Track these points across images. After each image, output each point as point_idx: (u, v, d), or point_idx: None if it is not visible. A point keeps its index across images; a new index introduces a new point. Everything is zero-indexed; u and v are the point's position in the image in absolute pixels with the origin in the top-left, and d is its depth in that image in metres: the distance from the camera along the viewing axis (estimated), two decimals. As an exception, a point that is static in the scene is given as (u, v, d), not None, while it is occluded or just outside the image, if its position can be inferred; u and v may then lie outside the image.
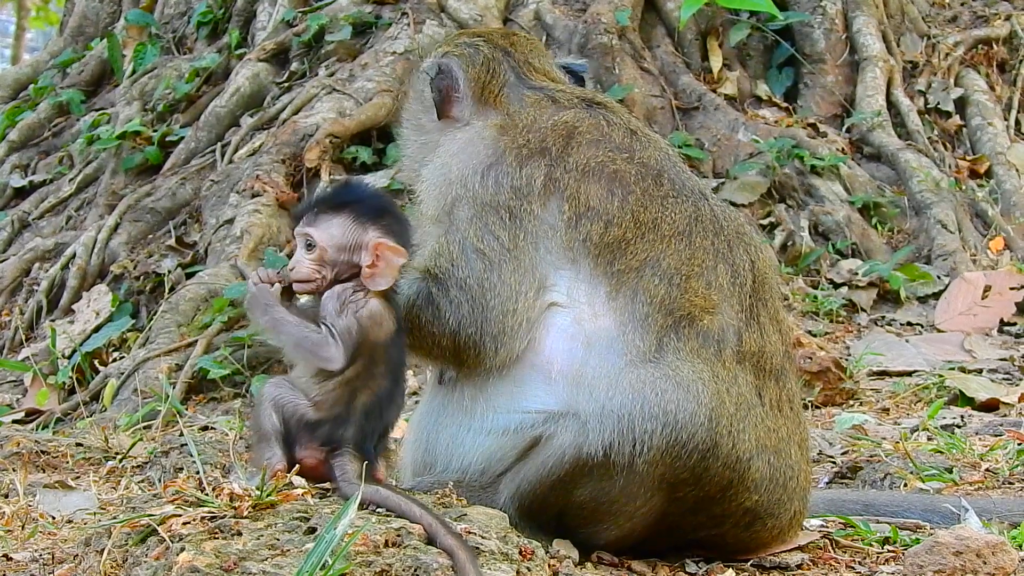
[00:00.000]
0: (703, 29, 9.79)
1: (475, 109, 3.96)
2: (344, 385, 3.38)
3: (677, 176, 3.88)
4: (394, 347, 3.46)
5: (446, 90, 3.96)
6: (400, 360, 3.49)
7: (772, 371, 3.77)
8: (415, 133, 4.11)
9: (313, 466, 3.33)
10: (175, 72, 9.85)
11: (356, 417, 3.37)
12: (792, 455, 3.77)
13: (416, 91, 4.12)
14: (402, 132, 4.17)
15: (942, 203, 8.95)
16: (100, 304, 8.22)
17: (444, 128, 3.98)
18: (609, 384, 3.58)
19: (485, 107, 3.96)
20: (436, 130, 4.01)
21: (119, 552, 3.17)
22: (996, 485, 4.85)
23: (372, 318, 3.42)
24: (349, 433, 3.35)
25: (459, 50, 4.04)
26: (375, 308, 3.44)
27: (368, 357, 3.40)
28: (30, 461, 5.46)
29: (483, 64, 3.99)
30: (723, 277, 3.76)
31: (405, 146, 4.15)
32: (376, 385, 3.40)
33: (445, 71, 3.97)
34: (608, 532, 3.69)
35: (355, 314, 3.42)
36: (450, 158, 3.87)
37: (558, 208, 3.73)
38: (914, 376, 6.94)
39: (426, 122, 4.06)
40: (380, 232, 3.46)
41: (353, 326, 3.40)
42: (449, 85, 3.96)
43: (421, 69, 4.08)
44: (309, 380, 3.41)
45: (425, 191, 3.90)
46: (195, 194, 8.88)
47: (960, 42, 10.29)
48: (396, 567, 2.98)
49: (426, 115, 4.06)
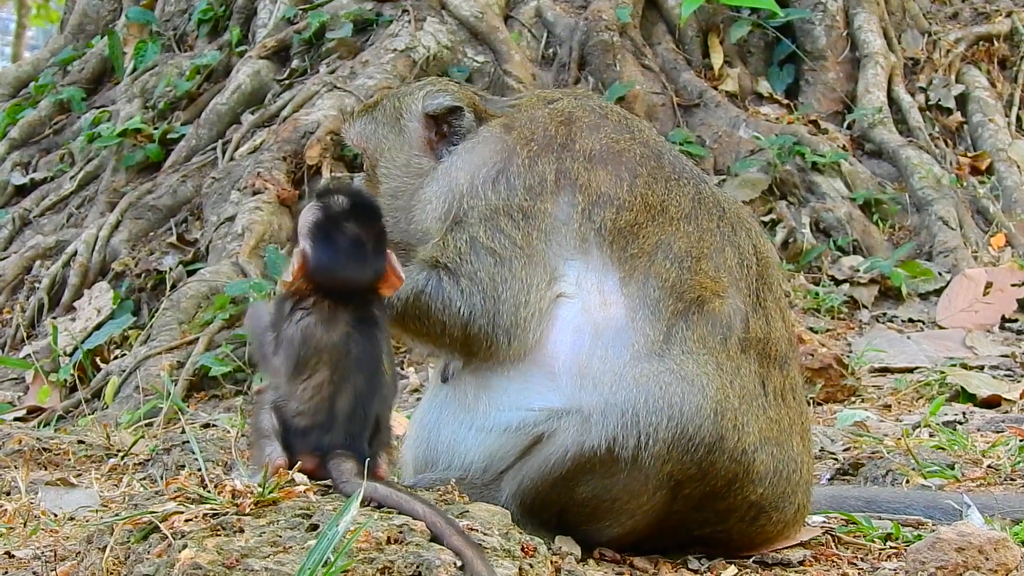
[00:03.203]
0: (704, 26, 9.79)
1: (475, 122, 3.93)
2: (318, 392, 3.35)
3: (675, 159, 3.90)
4: (358, 343, 3.39)
5: (445, 123, 3.93)
6: (372, 352, 3.40)
7: (777, 358, 3.77)
8: (408, 178, 3.98)
9: (311, 470, 3.33)
10: (176, 69, 9.85)
11: (340, 422, 3.33)
12: (794, 447, 3.77)
13: (399, 138, 4.00)
14: (386, 183, 4.01)
15: (943, 200, 8.95)
16: (101, 301, 8.22)
17: (437, 160, 3.92)
18: (613, 379, 3.57)
19: (481, 120, 3.93)
20: (431, 168, 3.92)
21: (121, 549, 3.17)
22: (998, 481, 4.85)
23: (309, 327, 3.37)
24: (337, 438, 3.32)
25: (435, 87, 4.00)
26: (312, 317, 3.39)
27: (328, 362, 3.36)
28: (32, 458, 5.46)
29: (460, 91, 3.97)
30: (731, 259, 3.76)
31: (395, 195, 3.98)
32: (350, 386, 3.35)
33: (446, 104, 3.92)
34: (611, 529, 3.69)
35: (297, 322, 3.39)
36: (455, 171, 3.82)
37: (570, 201, 3.72)
38: (916, 373, 6.94)
39: (422, 163, 3.96)
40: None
41: (296, 335, 3.38)
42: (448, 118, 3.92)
43: (406, 113, 3.99)
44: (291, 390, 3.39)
45: (429, 210, 3.83)
46: (196, 192, 8.88)
47: (961, 39, 10.29)
48: (398, 564, 2.98)
49: (420, 158, 3.96)
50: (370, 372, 3.39)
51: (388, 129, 4.03)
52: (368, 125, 4.06)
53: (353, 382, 3.36)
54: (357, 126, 4.10)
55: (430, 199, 3.85)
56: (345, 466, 3.27)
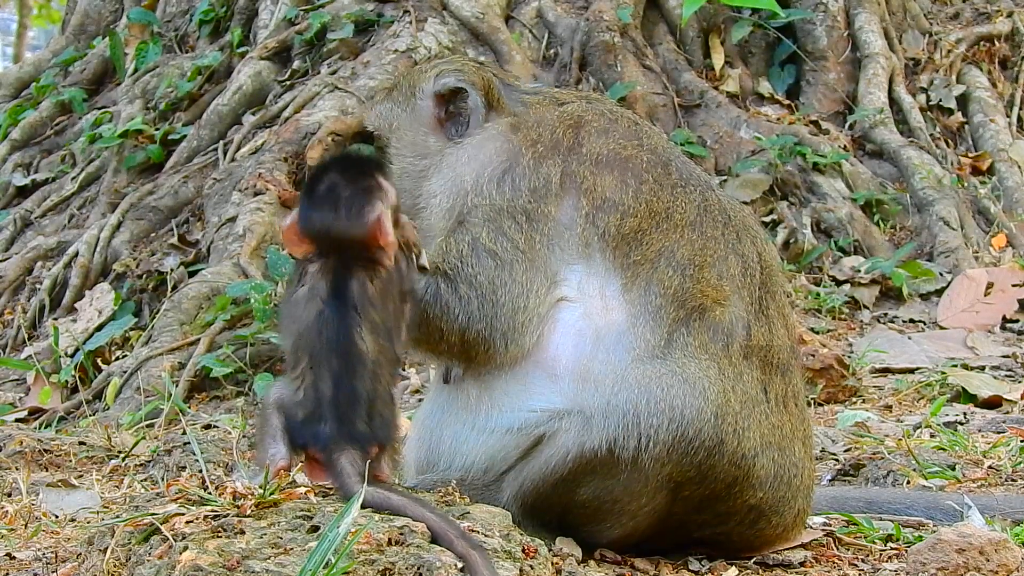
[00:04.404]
0: (705, 26, 9.79)
1: (484, 114, 3.94)
2: (302, 380, 3.28)
3: (683, 165, 3.89)
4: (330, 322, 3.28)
5: (453, 103, 3.94)
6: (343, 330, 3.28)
7: (779, 366, 3.77)
8: (415, 158, 4.00)
9: (316, 466, 3.29)
10: (177, 70, 9.86)
11: (327, 409, 3.23)
12: (796, 452, 3.77)
13: (411, 116, 4.03)
14: (397, 162, 4.02)
15: (944, 200, 8.95)
16: (103, 302, 8.22)
17: (448, 144, 3.94)
18: (615, 380, 3.57)
19: (491, 112, 3.94)
20: (438, 150, 3.94)
21: (122, 551, 3.17)
22: (999, 482, 4.85)
23: (296, 303, 3.33)
24: (332, 426, 3.22)
25: (450, 67, 4.01)
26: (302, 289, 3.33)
27: (306, 345, 3.28)
28: (33, 460, 5.46)
29: (476, 73, 3.97)
30: (734, 268, 3.76)
31: (402, 176, 3.99)
32: (326, 369, 3.26)
33: (450, 85, 3.94)
34: (611, 531, 3.69)
35: (289, 298, 3.37)
36: (461, 167, 3.83)
37: (575, 205, 3.72)
38: (917, 373, 6.94)
39: (429, 143, 3.98)
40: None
41: (285, 313, 3.36)
42: (456, 98, 3.93)
43: (419, 91, 4.01)
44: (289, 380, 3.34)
45: (434, 205, 3.85)
46: (197, 192, 8.88)
47: (962, 39, 10.29)
48: (399, 565, 2.98)
49: (428, 136, 3.99)
50: (343, 352, 3.27)
51: (402, 107, 4.05)
52: (386, 104, 4.09)
53: (328, 365, 3.26)
54: (377, 109, 4.12)
55: (435, 193, 3.85)
56: (348, 466, 3.21)
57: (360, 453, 3.23)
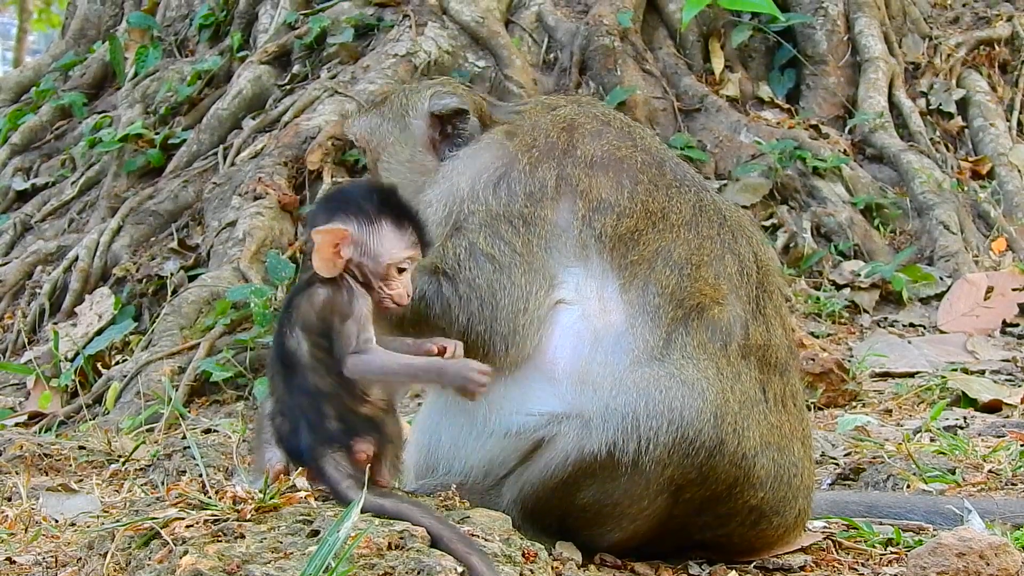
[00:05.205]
0: (705, 31, 9.80)
1: (478, 126, 3.95)
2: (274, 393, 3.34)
3: (677, 166, 3.91)
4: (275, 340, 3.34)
5: (449, 123, 3.95)
6: (276, 335, 3.32)
7: (777, 366, 3.77)
8: (409, 174, 4.00)
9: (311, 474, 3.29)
10: (177, 75, 9.87)
11: (297, 416, 3.24)
12: (795, 452, 3.77)
13: (402, 134, 4.03)
14: (389, 176, 4.02)
15: (944, 204, 8.95)
16: (102, 307, 8.23)
17: (440, 160, 3.95)
18: (614, 383, 3.57)
19: (485, 125, 3.96)
20: (433, 168, 3.96)
21: (122, 555, 3.17)
22: (999, 486, 4.85)
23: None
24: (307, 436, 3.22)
25: (444, 88, 4.03)
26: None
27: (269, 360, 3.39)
28: (33, 464, 5.46)
29: (468, 94, 4.00)
30: (731, 267, 3.77)
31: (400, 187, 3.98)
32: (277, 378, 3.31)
33: (452, 106, 3.94)
34: (612, 534, 3.69)
35: None
36: (457, 176, 3.84)
37: (571, 207, 3.73)
38: (916, 377, 6.94)
39: (424, 161, 3.99)
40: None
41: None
42: (453, 119, 3.94)
43: (411, 110, 4.01)
44: None
45: (429, 214, 3.83)
46: (197, 197, 8.89)
47: (962, 43, 10.30)
48: (399, 570, 2.98)
49: (424, 155, 3.99)
50: (279, 353, 3.30)
51: (393, 125, 4.05)
52: (374, 120, 4.09)
53: (275, 368, 3.32)
54: (362, 121, 4.12)
55: (431, 202, 3.86)
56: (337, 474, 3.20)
57: (342, 453, 3.22)
